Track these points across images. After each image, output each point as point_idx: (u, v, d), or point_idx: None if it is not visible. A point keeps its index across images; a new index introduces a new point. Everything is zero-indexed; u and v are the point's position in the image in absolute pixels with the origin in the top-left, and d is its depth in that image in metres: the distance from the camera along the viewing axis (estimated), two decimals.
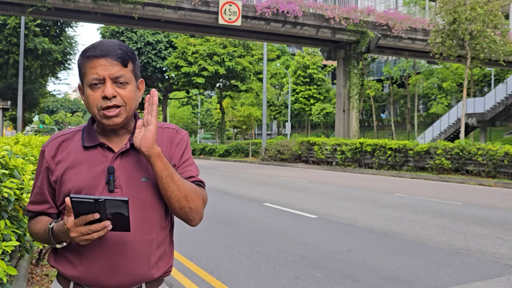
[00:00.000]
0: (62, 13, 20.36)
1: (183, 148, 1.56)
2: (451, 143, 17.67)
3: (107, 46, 1.43)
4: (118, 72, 1.43)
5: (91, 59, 1.42)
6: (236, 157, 33.69)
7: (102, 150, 1.48)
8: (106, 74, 1.42)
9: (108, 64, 1.42)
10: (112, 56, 1.42)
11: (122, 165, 1.47)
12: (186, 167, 1.55)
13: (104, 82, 1.42)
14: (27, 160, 3.26)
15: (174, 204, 1.45)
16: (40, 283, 4.05)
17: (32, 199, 1.55)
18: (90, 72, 1.43)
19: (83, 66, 1.45)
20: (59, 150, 1.51)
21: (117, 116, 1.44)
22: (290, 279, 4.67)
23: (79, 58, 1.48)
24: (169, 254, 1.56)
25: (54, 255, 1.52)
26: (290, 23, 22.12)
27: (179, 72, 35.18)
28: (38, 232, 1.50)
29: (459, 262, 5.34)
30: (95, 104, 1.43)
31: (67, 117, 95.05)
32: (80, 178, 1.45)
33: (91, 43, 1.49)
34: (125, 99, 1.44)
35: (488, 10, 18.18)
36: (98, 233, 1.31)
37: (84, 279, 1.46)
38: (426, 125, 38.61)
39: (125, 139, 1.52)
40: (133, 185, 1.46)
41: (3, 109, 29.19)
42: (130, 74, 1.46)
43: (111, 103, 1.42)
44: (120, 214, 1.30)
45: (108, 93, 1.41)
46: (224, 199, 10.54)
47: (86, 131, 1.52)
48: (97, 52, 1.42)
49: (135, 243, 1.45)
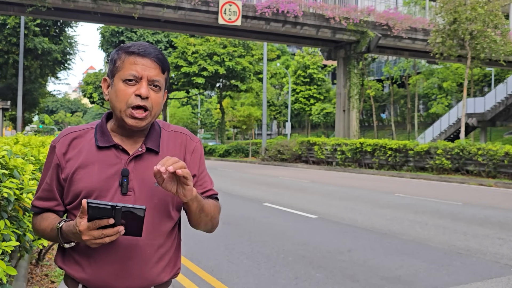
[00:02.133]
0: (62, 13, 20.36)
1: (198, 157, 1.57)
2: (451, 143, 17.66)
3: (150, 48, 1.44)
4: (157, 76, 1.43)
5: (134, 55, 1.42)
6: (236, 157, 33.69)
7: (116, 151, 1.46)
8: (145, 74, 1.41)
9: (149, 65, 1.42)
10: (154, 59, 1.42)
11: (136, 168, 1.45)
12: (204, 178, 1.58)
13: (140, 81, 1.41)
14: (27, 160, 3.25)
15: (200, 225, 1.53)
16: (40, 283, 4.04)
17: (40, 195, 1.52)
18: (129, 68, 1.41)
19: (121, 60, 1.43)
20: (70, 147, 1.48)
21: (143, 119, 1.43)
22: (290, 279, 4.66)
23: (117, 52, 1.46)
24: (177, 258, 1.56)
25: (62, 256, 1.49)
26: (290, 23, 22.12)
27: (179, 72, 35.17)
28: (44, 229, 1.48)
29: (460, 262, 5.33)
30: (126, 100, 1.41)
31: (67, 117, 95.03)
32: (92, 179, 1.43)
33: (117, 42, 1.47)
34: (154, 104, 1.43)
35: (488, 10, 18.18)
36: (111, 237, 1.30)
37: (93, 282, 1.44)
38: (426, 125, 38.60)
39: (140, 141, 1.49)
40: (146, 189, 1.44)
41: (3, 109, 29.18)
42: (164, 81, 1.47)
43: (142, 103, 1.41)
44: (135, 221, 1.29)
45: (143, 92, 1.40)
46: (224, 199, 10.52)
47: (100, 130, 1.48)
48: (141, 51, 1.42)
49: (145, 247, 1.44)
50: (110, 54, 1.50)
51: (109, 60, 1.49)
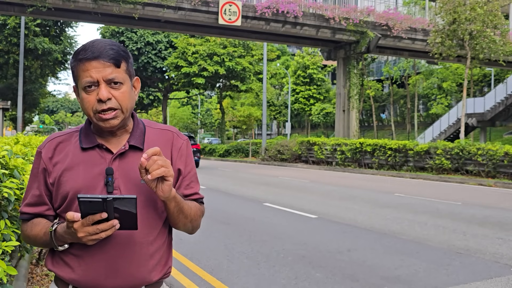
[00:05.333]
0: (62, 13, 20.36)
1: (185, 154, 1.55)
2: (451, 143, 17.67)
3: (99, 47, 1.40)
4: (112, 74, 1.40)
5: (83, 61, 1.40)
6: (236, 157, 33.69)
7: (100, 151, 1.46)
8: (100, 76, 1.39)
9: (101, 66, 1.39)
10: (104, 58, 1.39)
11: (121, 166, 1.45)
12: (191, 178, 1.56)
13: (98, 84, 1.40)
14: (27, 160, 3.26)
15: (179, 226, 1.52)
16: (40, 283, 4.05)
17: (29, 201, 1.51)
18: (83, 75, 1.40)
19: (75, 69, 1.42)
20: (56, 151, 1.49)
21: (114, 118, 1.42)
22: (290, 279, 4.67)
23: (71, 61, 1.44)
24: (168, 257, 1.55)
25: (52, 258, 1.49)
26: (290, 23, 22.13)
27: (179, 72, 35.16)
28: (36, 235, 1.47)
29: (459, 262, 5.34)
30: (91, 107, 1.41)
31: (67, 117, 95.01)
32: (78, 179, 1.43)
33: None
34: (120, 101, 1.42)
35: (488, 10, 18.19)
36: (106, 232, 1.31)
37: (83, 283, 1.44)
38: (426, 125, 38.62)
39: (124, 139, 1.50)
40: (132, 187, 1.44)
41: (3, 109, 29.15)
42: (124, 74, 1.43)
43: (106, 106, 1.40)
44: (128, 212, 1.29)
45: (102, 96, 1.39)
46: (224, 199, 10.54)
47: (84, 132, 1.50)
48: (88, 55, 1.39)
49: (134, 245, 1.44)
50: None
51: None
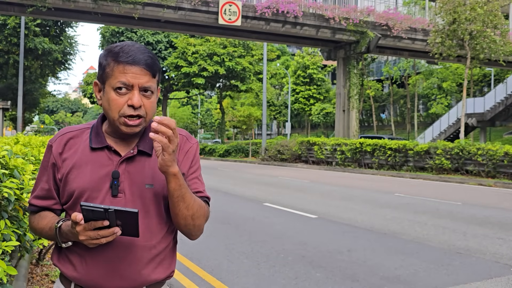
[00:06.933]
0: (62, 13, 20.37)
1: (191, 158, 1.53)
2: (451, 143, 17.67)
3: (139, 54, 1.40)
4: (148, 83, 1.40)
5: (124, 64, 1.39)
6: (236, 157, 33.69)
7: (108, 153, 1.46)
8: (136, 82, 1.39)
9: (139, 72, 1.39)
10: (144, 66, 1.39)
11: (128, 170, 1.45)
12: (194, 179, 1.53)
13: (132, 89, 1.39)
14: (27, 160, 3.26)
15: (179, 221, 1.44)
16: (40, 283, 4.05)
17: (37, 194, 1.52)
18: (118, 76, 1.39)
19: (110, 68, 1.40)
20: (66, 147, 1.49)
21: (138, 125, 1.42)
22: (290, 279, 4.67)
23: (105, 57, 1.42)
24: (171, 260, 1.54)
25: (58, 254, 1.51)
26: (290, 23, 22.13)
27: (179, 72, 35.19)
28: (43, 228, 1.49)
29: (459, 262, 5.34)
30: (118, 110, 1.40)
31: (67, 117, 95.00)
32: (85, 179, 1.44)
33: (117, 42, 1.42)
34: (148, 110, 1.42)
35: (488, 10, 18.19)
36: (107, 238, 1.32)
37: (84, 281, 1.45)
38: (426, 125, 38.62)
39: (133, 143, 1.49)
40: (136, 191, 1.44)
41: (3, 109, 29.17)
42: (155, 84, 1.44)
43: (136, 113, 1.39)
44: (130, 222, 1.31)
45: (135, 103, 1.38)
46: (224, 199, 10.54)
47: (95, 131, 1.49)
48: (130, 59, 1.38)
49: (136, 248, 1.44)
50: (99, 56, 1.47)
51: (98, 63, 1.46)
